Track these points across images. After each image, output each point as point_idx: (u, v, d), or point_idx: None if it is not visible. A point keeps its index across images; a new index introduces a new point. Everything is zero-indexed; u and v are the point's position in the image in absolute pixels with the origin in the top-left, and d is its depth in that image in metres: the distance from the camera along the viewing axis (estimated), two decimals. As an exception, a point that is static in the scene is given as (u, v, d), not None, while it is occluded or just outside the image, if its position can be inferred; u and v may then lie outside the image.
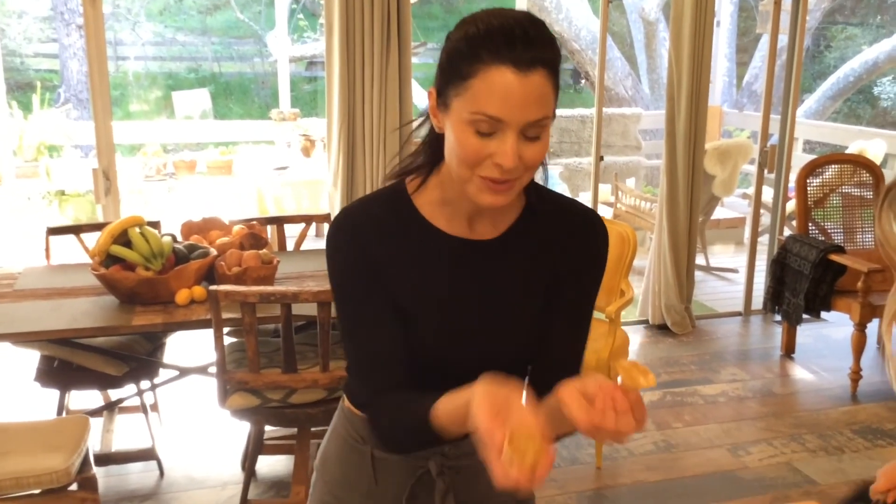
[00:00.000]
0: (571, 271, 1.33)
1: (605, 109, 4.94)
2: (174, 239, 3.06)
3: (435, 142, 1.26)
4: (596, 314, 3.92)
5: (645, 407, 1.06)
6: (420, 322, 1.27)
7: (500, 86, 1.11)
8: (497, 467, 0.98)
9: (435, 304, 1.28)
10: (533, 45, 1.12)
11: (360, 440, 1.39)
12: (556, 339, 1.34)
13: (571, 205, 1.36)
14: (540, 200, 1.32)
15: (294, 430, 3.04)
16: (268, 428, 3.12)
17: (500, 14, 1.17)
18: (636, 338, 4.86)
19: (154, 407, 3.63)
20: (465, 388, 1.10)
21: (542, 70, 1.13)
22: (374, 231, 1.27)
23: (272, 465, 3.40)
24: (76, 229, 3.55)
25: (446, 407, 1.14)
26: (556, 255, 1.32)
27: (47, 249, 3.46)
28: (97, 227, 3.41)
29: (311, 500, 1.49)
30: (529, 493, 1.50)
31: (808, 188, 4.53)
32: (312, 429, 2.94)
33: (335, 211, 4.25)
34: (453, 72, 1.15)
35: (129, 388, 3.29)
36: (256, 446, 3.02)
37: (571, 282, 1.33)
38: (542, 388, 1.35)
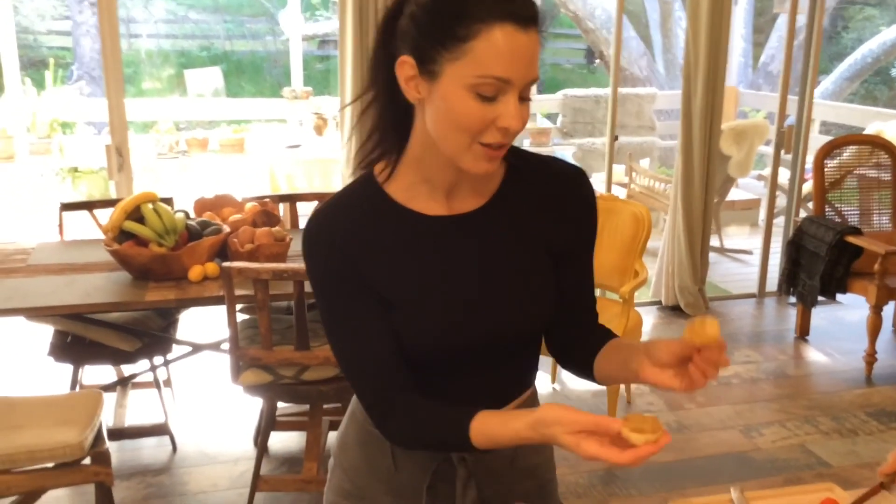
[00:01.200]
0: (571, 227, 1.30)
1: (619, 89, 4.90)
2: (187, 216, 3.06)
3: (401, 120, 1.19)
4: (609, 294, 3.91)
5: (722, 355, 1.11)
6: (419, 311, 1.22)
7: (506, 45, 1.06)
8: (608, 452, 1.06)
9: (430, 289, 1.23)
10: (526, 0, 1.08)
11: None
12: (573, 294, 1.33)
13: (552, 161, 1.32)
14: (520, 161, 1.27)
15: (306, 407, 3.05)
16: (280, 404, 3.13)
17: None
18: (649, 318, 4.84)
19: (167, 382, 3.64)
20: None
21: (535, 26, 1.09)
22: (349, 229, 1.21)
23: (284, 441, 3.41)
24: (89, 205, 3.55)
25: (495, 415, 1.17)
26: (549, 213, 1.28)
27: (60, 225, 3.46)
28: (110, 203, 3.41)
29: (329, 486, 1.45)
30: (552, 477, 1.49)
31: (825, 169, 4.48)
32: (325, 406, 2.94)
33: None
34: (443, 35, 1.07)
35: (142, 364, 3.31)
36: (269, 422, 3.03)
37: (574, 237, 1.31)
38: (563, 344, 1.37)
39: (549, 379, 3.97)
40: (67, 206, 3.49)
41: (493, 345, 1.27)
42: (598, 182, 5.87)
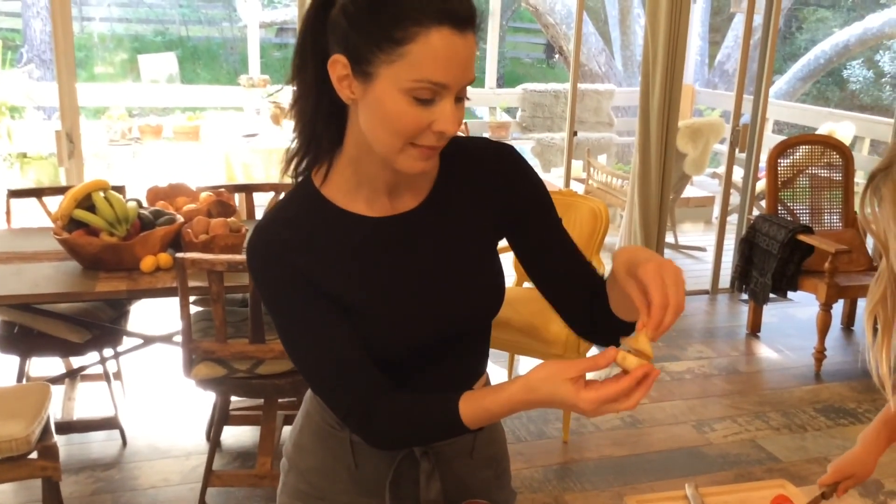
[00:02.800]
0: (512, 194, 1.27)
1: (578, 85, 4.91)
2: (139, 205, 2.99)
3: (334, 118, 1.15)
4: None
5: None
6: (371, 313, 1.20)
7: (443, 49, 1.04)
8: (607, 391, 1.04)
9: (380, 290, 1.20)
10: (463, 1, 1.05)
11: (337, 426, 1.32)
12: (567, 262, 1.30)
13: (477, 142, 1.29)
14: (453, 149, 1.22)
15: (260, 401, 3.01)
16: (233, 398, 3.08)
17: None
18: (604, 314, 4.87)
19: (117, 375, 3.56)
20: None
21: (471, 28, 1.07)
22: (293, 240, 1.17)
23: (237, 435, 3.36)
24: (38, 192, 3.46)
25: (483, 390, 1.15)
26: (487, 191, 1.26)
27: (8, 213, 3.37)
28: (60, 190, 3.33)
29: (284, 489, 1.41)
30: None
31: (778, 168, 4.55)
32: (280, 400, 2.91)
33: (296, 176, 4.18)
34: (378, 36, 1.04)
35: (91, 356, 3.23)
36: (222, 417, 2.99)
37: (530, 206, 1.29)
38: (574, 303, 1.31)
39: (507, 374, 3.97)
40: (15, 193, 3.40)
41: (447, 338, 1.26)
42: (556, 177, 5.89)
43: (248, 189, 3.70)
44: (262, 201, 3.85)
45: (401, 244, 1.22)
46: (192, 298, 2.70)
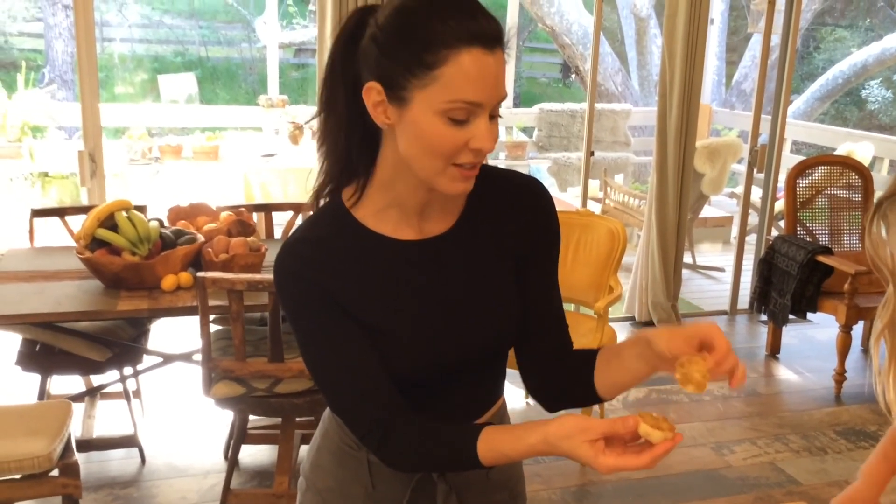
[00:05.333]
0: (537, 241, 1.30)
1: (595, 105, 4.93)
2: (161, 224, 3.02)
3: (368, 143, 1.18)
4: (584, 310, 3.90)
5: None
6: (394, 334, 1.21)
7: (475, 69, 1.06)
8: (627, 461, 1.06)
9: (404, 312, 1.22)
10: (489, 18, 1.08)
11: (355, 446, 1.32)
12: (544, 308, 1.32)
13: (509, 175, 1.32)
14: (484, 178, 1.23)
15: (278, 420, 3.02)
16: (251, 417, 3.09)
17: None
18: (622, 334, 4.85)
19: (137, 393, 3.59)
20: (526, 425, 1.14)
21: (500, 46, 1.09)
22: (322, 257, 1.19)
23: (255, 454, 3.37)
24: (61, 212, 3.49)
25: (504, 431, 1.16)
26: (511, 224, 1.28)
27: (31, 231, 3.41)
28: (82, 209, 3.37)
29: None
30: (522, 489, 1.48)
31: (797, 189, 4.53)
32: (297, 419, 2.91)
33: (323, 199, 4.20)
34: (410, 61, 1.06)
35: (111, 374, 3.26)
36: (240, 435, 3.00)
37: (540, 251, 1.31)
38: (536, 356, 1.35)
39: (523, 394, 3.97)
40: (39, 213, 3.44)
41: (466, 362, 1.28)
42: (573, 197, 5.89)
43: (267, 209, 3.73)
44: (281, 221, 3.87)
45: (426, 268, 1.24)
46: (211, 317, 2.72)
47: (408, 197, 1.20)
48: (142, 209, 3.26)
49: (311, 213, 1.26)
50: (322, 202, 1.26)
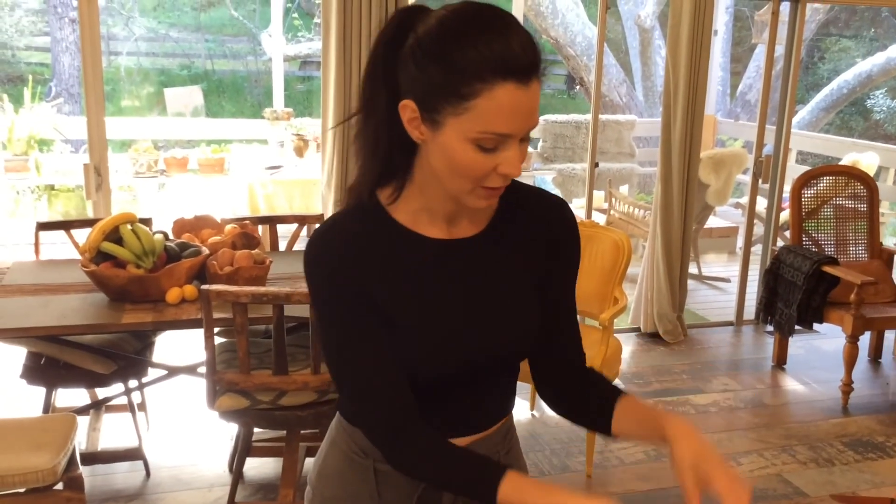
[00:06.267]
0: (559, 258, 1.34)
1: (599, 116, 4.93)
2: (166, 237, 3.03)
3: (403, 150, 1.20)
4: (589, 321, 3.89)
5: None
6: (418, 331, 1.24)
7: (508, 104, 1.08)
8: None
9: (429, 309, 1.25)
10: (526, 50, 1.09)
11: (362, 453, 1.34)
12: (562, 325, 1.36)
13: (540, 193, 1.36)
14: (512, 191, 1.27)
15: (283, 433, 3.01)
16: (256, 430, 3.09)
17: (476, 15, 1.10)
18: (628, 346, 4.84)
19: (141, 406, 3.58)
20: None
21: (536, 76, 1.11)
22: (354, 247, 1.21)
23: (260, 467, 3.36)
24: (66, 225, 3.50)
25: (532, 481, 1.18)
26: (536, 241, 1.31)
27: (37, 244, 3.42)
28: (88, 222, 3.38)
29: None
30: None
31: (802, 199, 4.52)
32: (302, 431, 2.91)
33: (328, 211, 4.22)
34: (445, 90, 1.09)
35: (116, 387, 3.25)
36: (244, 448, 2.99)
37: (563, 269, 1.35)
38: (551, 381, 1.39)
39: (528, 406, 3.96)
40: (44, 226, 3.45)
41: (481, 368, 1.29)
42: (577, 208, 5.88)
43: (272, 221, 3.73)
44: (286, 233, 3.88)
45: (454, 268, 1.27)
46: (216, 330, 2.72)
47: (437, 204, 1.23)
48: (147, 222, 3.27)
49: (343, 208, 1.28)
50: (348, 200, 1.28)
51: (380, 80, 1.17)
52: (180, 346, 3.90)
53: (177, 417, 3.75)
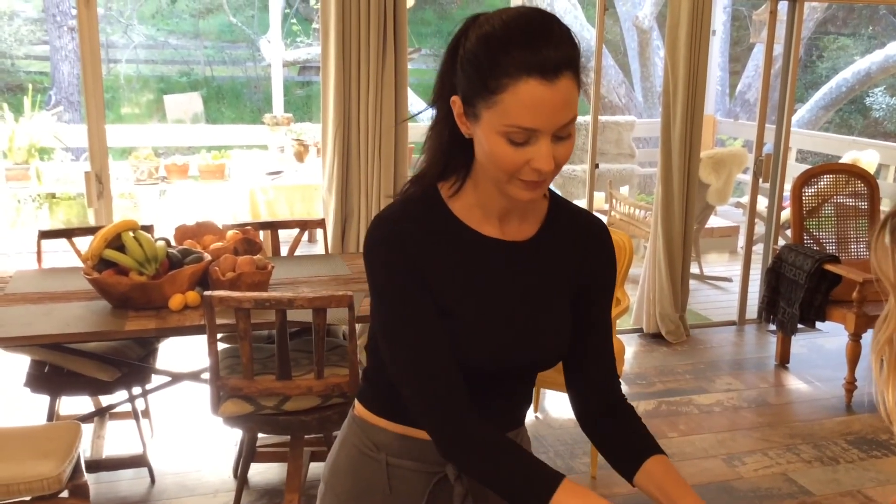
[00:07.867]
0: (598, 276, 1.37)
1: (599, 117, 4.94)
2: (168, 243, 3.03)
3: (463, 146, 1.26)
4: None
5: None
6: (464, 322, 1.27)
7: (530, 99, 1.13)
8: None
9: (479, 303, 1.29)
10: (556, 49, 1.13)
11: (374, 448, 1.37)
12: (598, 338, 1.38)
13: (584, 211, 1.41)
14: (558, 205, 1.36)
15: (287, 438, 3.01)
16: (260, 435, 3.09)
17: (515, 17, 1.16)
18: (631, 347, 4.84)
19: (145, 413, 3.59)
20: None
21: (567, 73, 1.14)
22: (413, 233, 1.26)
23: (264, 472, 3.36)
24: (68, 233, 3.51)
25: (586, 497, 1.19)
26: (581, 258, 1.36)
27: (39, 253, 3.42)
28: (90, 230, 3.38)
29: None
30: None
31: (803, 197, 4.53)
32: (306, 436, 2.91)
33: (329, 216, 4.22)
34: (479, 85, 1.15)
35: (120, 394, 3.26)
36: (249, 454, 2.99)
37: (601, 287, 1.38)
38: (585, 382, 1.41)
39: (532, 408, 3.96)
40: (46, 234, 3.45)
41: (514, 370, 1.33)
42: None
43: (273, 226, 3.74)
44: (288, 238, 3.88)
45: (506, 268, 1.31)
46: (219, 335, 2.72)
47: (491, 198, 1.28)
48: (148, 229, 3.27)
49: (403, 196, 1.32)
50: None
51: (447, 79, 1.24)
52: (183, 352, 3.91)
53: (181, 424, 3.75)
